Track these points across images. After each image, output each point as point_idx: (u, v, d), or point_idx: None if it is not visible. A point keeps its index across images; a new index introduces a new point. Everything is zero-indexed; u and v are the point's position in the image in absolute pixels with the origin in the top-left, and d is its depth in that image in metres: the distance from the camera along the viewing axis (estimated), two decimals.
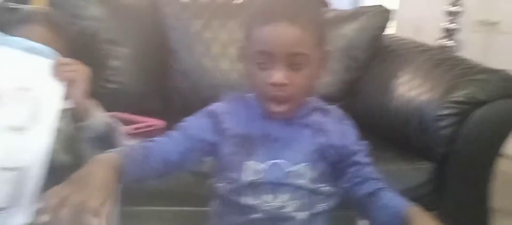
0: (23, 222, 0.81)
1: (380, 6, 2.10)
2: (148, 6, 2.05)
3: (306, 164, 1.01)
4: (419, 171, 1.64)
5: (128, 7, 2.03)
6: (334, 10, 2.33)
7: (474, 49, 2.78)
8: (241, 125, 1.02)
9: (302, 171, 1.01)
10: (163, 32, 2.00)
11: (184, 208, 1.56)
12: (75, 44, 1.17)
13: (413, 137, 1.66)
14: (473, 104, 1.57)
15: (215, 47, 1.99)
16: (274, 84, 0.96)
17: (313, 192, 1.02)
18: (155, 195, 1.53)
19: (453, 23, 2.51)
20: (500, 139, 1.60)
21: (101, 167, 0.85)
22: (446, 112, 1.58)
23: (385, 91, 1.84)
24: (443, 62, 1.79)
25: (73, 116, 1.03)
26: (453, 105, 1.58)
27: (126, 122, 1.62)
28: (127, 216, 1.34)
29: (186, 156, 1.01)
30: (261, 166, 1.01)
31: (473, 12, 3.24)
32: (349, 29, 2.02)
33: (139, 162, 0.95)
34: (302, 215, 1.02)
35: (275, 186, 1.01)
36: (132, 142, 1.49)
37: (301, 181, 1.01)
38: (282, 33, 0.95)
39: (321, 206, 1.03)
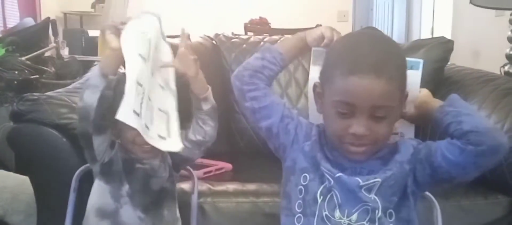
0: (178, 148, 1.20)
1: (442, 37, 2.05)
2: (210, 49, 2.10)
3: (378, 177, 1.00)
4: (493, 206, 1.59)
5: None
6: None
7: None
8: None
9: (373, 184, 1.00)
10: (225, 74, 2.04)
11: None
12: None
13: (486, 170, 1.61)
14: None
15: (276, 87, 2.01)
16: (354, 135, 0.96)
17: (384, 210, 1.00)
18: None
19: None
20: None
21: None
22: None
23: None
24: (510, 91, 1.75)
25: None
26: None
27: (196, 166, 1.65)
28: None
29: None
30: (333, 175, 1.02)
31: None
32: None
33: None
34: None
35: (344, 201, 1.00)
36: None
37: (371, 196, 1.00)
38: (368, 86, 0.93)
39: None
